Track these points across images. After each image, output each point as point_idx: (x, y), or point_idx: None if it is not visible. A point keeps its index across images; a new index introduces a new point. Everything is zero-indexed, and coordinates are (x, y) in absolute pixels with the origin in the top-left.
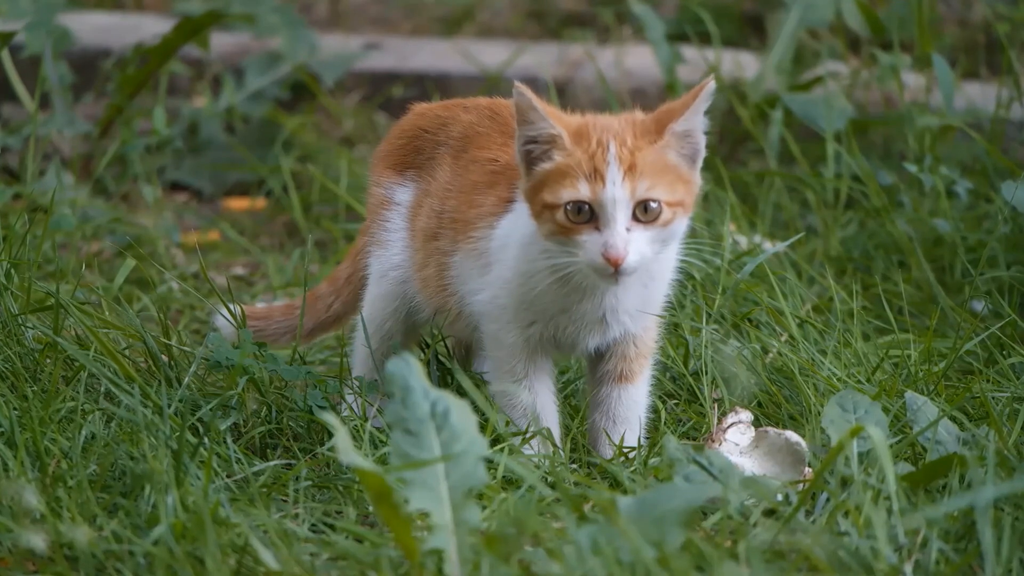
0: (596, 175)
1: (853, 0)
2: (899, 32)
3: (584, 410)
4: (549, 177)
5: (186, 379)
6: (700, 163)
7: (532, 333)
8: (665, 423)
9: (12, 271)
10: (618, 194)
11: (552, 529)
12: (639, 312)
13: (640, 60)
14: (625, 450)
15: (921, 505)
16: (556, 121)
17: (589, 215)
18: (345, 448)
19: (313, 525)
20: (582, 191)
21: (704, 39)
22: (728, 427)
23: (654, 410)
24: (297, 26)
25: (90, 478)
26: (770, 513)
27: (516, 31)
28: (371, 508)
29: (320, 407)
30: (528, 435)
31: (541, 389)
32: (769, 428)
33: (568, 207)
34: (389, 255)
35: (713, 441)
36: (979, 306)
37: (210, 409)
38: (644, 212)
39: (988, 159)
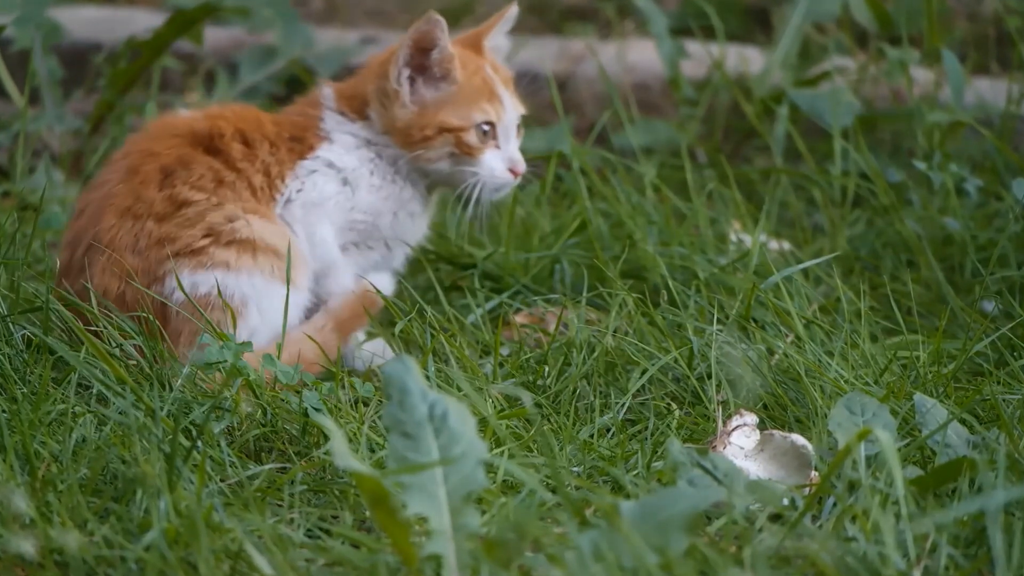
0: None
1: None
2: (907, 26)
3: (588, 415)
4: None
5: (179, 381)
6: None
7: None
8: (675, 428)
9: (1, 270)
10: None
11: (553, 534)
12: None
13: (643, 55)
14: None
15: (930, 510)
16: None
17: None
18: (341, 452)
19: (309, 530)
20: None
21: (708, 33)
22: (733, 430)
23: (661, 415)
24: (292, 20)
25: (81, 482)
26: (776, 518)
27: (516, 25)
28: (368, 513)
29: (316, 409)
30: None
31: None
32: (775, 431)
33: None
34: None
35: (717, 444)
36: (989, 306)
37: (203, 412)
38: None
39: (998, 156)
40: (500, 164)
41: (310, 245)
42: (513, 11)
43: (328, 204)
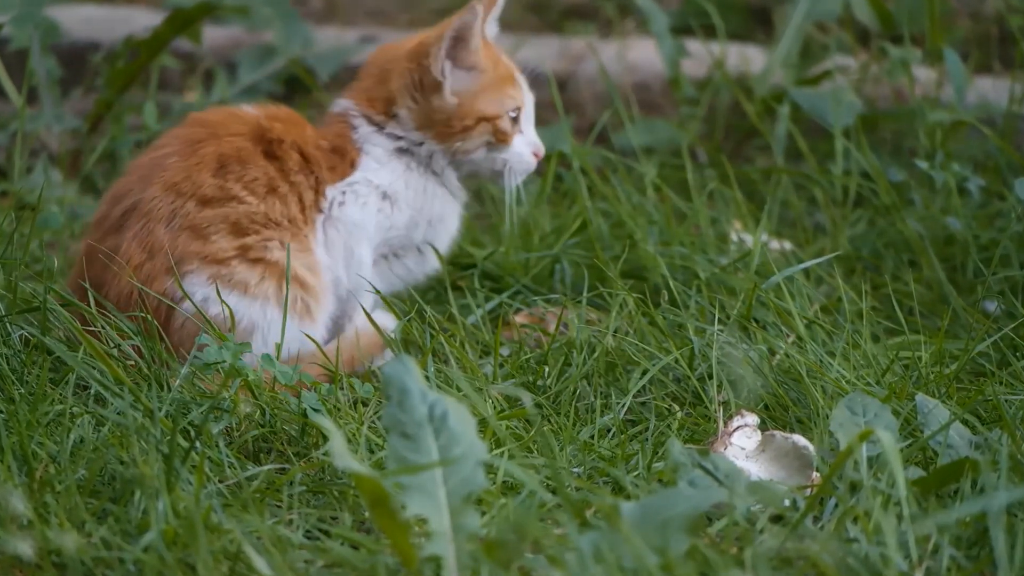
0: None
1: None
2: (909, 25)
3: (588, 416)
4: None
5: (177, 381)
6: None
7: None
8: (675, 428)
9: None
10: None
11: (553, 535)
12: None
13: (643, 54)
14: None
15: (932, 511)
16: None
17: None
18: (340, 452)
19: (308, 531)
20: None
21: (709, 32)
22: (734, 431)
23: (661, 415)
24: (291, 19)
25: (79, 483)
26: (777, 519)
27: (516, 24)
28: (367, 514)
29: (315, 410)
30: None
31: None
32: (776, 431)
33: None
34: None
35: (718, 445)
36: (991, 306)
37: (202, 412)
38: None
39: (1001, 155)
40: (526, 149)
41: (347, 266)
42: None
43: (369, 225)
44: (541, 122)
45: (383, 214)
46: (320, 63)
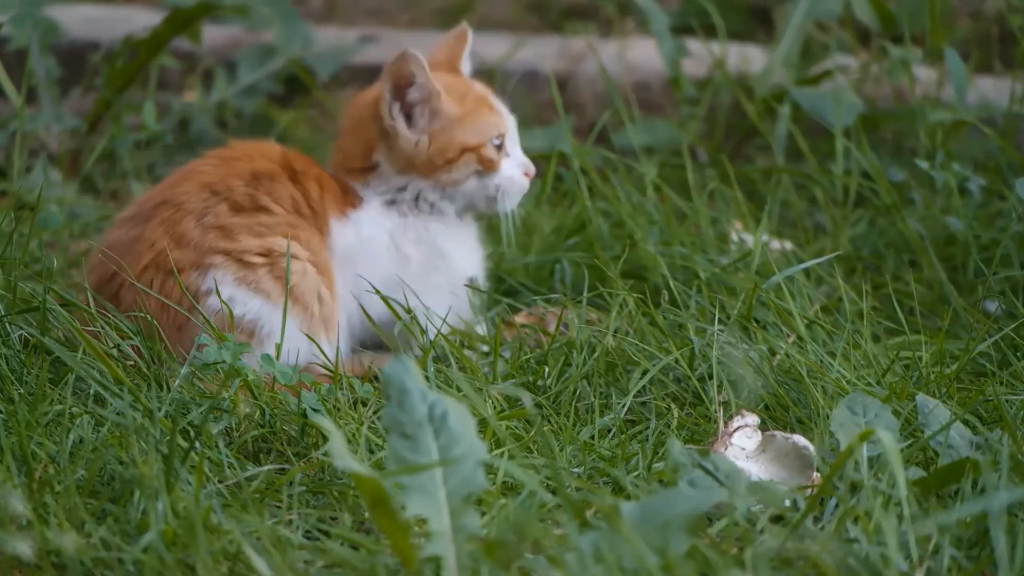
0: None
1: None
2: (910, 25)
3: (588, 416)
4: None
5: (177, 382)
6: None
7: None
8: (675, 428)
9: None
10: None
11: (553, 536)
12: None
13: (644, 53)
14: None
15: (933, 511)
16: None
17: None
18: (340, 452)
19: (307, 531)
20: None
21: (709, 32)
22: (734, 431)
23: (661, 415)
24: (291, 19)
25: (78, 483)
26: (777, 519)
27: (516, 23)
28: (367, 514)
29: (315, 410)
30: None
31: None
32: (776, 432)
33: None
34: None
35: (719, 445)
36: (992, 306)
37: (201, 412)
38: None
39: (1001, 155)
40: (517, 171)
41: (357, 293)
42: (470, 33)
43: (381, 257)
44: (541, 122)
45: (390, 250)
46: (320, 63)
